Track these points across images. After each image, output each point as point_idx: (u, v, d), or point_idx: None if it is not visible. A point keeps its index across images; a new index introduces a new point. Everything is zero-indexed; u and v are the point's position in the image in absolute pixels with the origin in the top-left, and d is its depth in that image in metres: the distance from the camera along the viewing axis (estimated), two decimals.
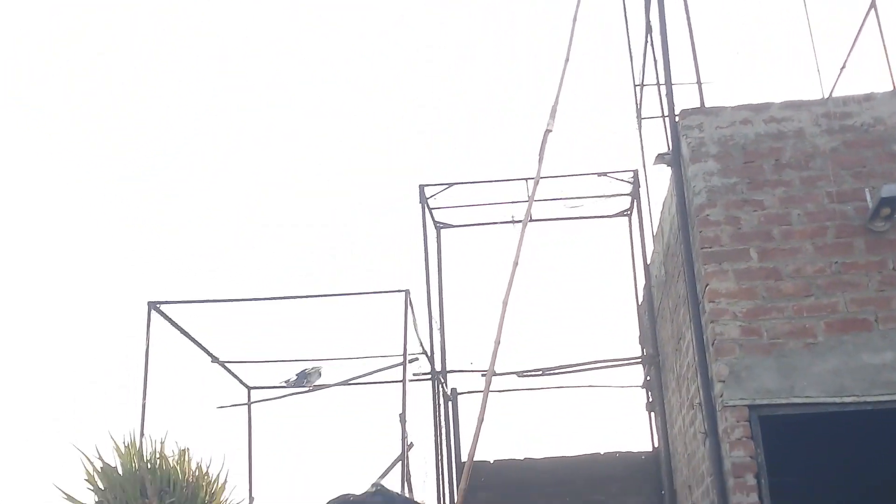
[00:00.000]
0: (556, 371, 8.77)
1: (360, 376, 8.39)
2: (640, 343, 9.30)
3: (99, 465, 6.51)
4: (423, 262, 8.87)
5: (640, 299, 9.15)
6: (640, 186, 8.78)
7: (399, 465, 7.25)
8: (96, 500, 6.50)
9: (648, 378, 8.82)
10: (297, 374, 8.89)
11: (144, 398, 7.03)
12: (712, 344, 5.47)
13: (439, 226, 9.56)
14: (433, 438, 8.66)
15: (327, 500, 1.93)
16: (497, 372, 8.19)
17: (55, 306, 20.14)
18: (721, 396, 5.33)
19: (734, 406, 5.28)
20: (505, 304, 7.94)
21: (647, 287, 8.62)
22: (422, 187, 9.00)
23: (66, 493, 6.53)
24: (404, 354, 7.16)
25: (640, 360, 8.94)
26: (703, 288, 5.62)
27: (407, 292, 7.21)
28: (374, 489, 1.98)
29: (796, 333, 5.43)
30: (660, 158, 6.29)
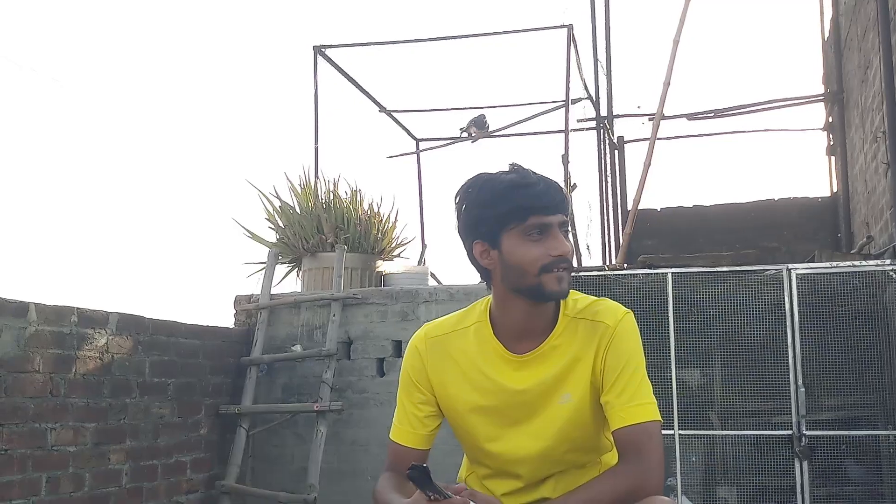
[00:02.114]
0: (730, 113, 8.44)
1: (522, 121, 8.35)
2: (823, 83, 8.76)
3: (277, 203, 6.92)
4: None
5: (827, 34, 8.53)
6: None
7: None
8: (277, 237, 6.95)
9: (830, 119, 8.37)
10: (466, 124, 8.93)
11: (316, 141, 7.30)
12: None
13: None
14: (598, 185, 8.65)
15: (466, 180, 1.97)
16: (666, 115, 7.98)
17: (223, 49, 20.89)
18: None
19: None
20: (676, 42, 7.58)
21: (835, 17, 7.98)
22: None
23: (247, 230, 7.02)
24: (566, 93, 7.03)
25: (822, 97, 8.44)
26: None
27: (570, 27, 6.96)
28: (510, 167, 1.99)
29: None
30: None
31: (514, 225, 1.93)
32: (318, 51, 7.32)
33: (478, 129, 8.78)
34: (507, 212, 1.93)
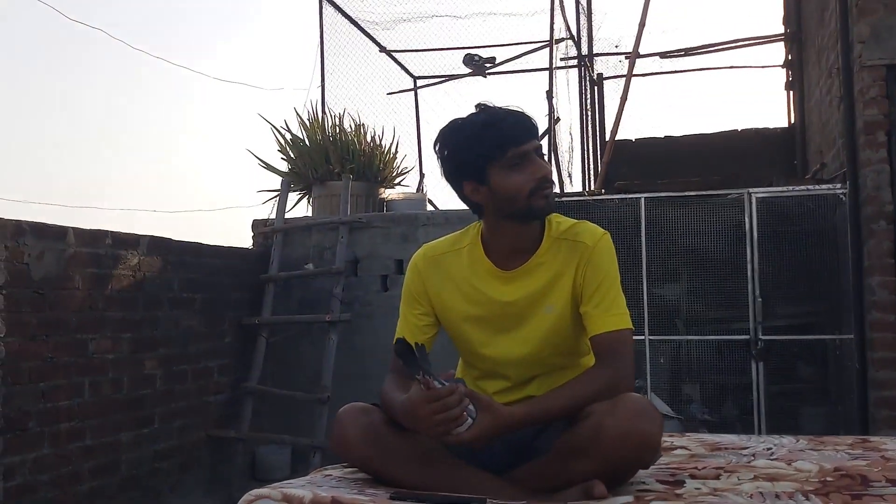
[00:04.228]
0: (699, 51, 8.32)
1: (511, 59, 8.22)
2: (783, 23, 8.60)
3: (289, 136, 6.87)
4: None
5: None
6: None
7: (546, 137, 7.27)
8: (289, 167, 6.91)
9: (790, 57, 8.26)
10: (465, 60, 8.79)
11: (323, 80, 7.22)
12: (856, 5, 4.98)
13: None
14: (579, 119, 8.57)
15: (441, 129, 1.94)
16: (641, 53, 7.85)
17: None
18: (860, 57, 4.93)
19: (872, 66, 4.87)
20: None
21: None
22: None
23: (262, 161, 6.98)
24: (551, 34, 6.93)
25: (782, 37, 8.32)
26: None
27: None
28: (477, 108, 1.95)
29: None
30: None
31: (496, 160, 1.93)
32: None
33: (470, 64, 8.68)
34: (486, 150, 1.92)
